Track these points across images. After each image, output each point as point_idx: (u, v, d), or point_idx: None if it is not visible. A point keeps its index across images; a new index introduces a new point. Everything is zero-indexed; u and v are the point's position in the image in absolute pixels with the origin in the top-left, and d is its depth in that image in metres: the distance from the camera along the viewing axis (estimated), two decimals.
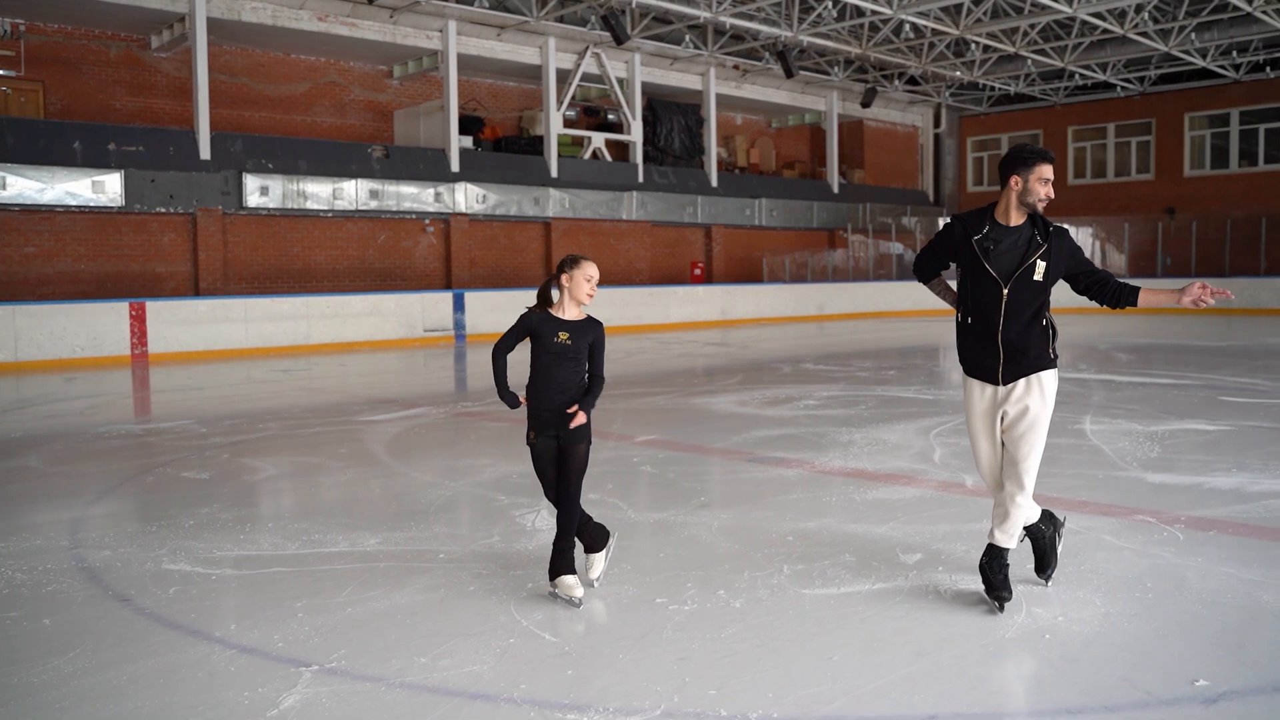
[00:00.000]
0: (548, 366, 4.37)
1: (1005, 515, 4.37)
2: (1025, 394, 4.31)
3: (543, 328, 4.38)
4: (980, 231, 4.31)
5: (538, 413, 4.42)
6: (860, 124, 33.08)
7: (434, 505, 6.29)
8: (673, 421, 9.79)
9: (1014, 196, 4.29)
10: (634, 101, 25.16)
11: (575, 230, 24.63)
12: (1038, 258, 4.23)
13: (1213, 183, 30.21)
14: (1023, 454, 4.32)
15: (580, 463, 4.45)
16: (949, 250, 4.45)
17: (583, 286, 4.38)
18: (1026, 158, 4.27)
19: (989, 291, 4.28)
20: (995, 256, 4.27)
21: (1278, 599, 4.38)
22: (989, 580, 4.31)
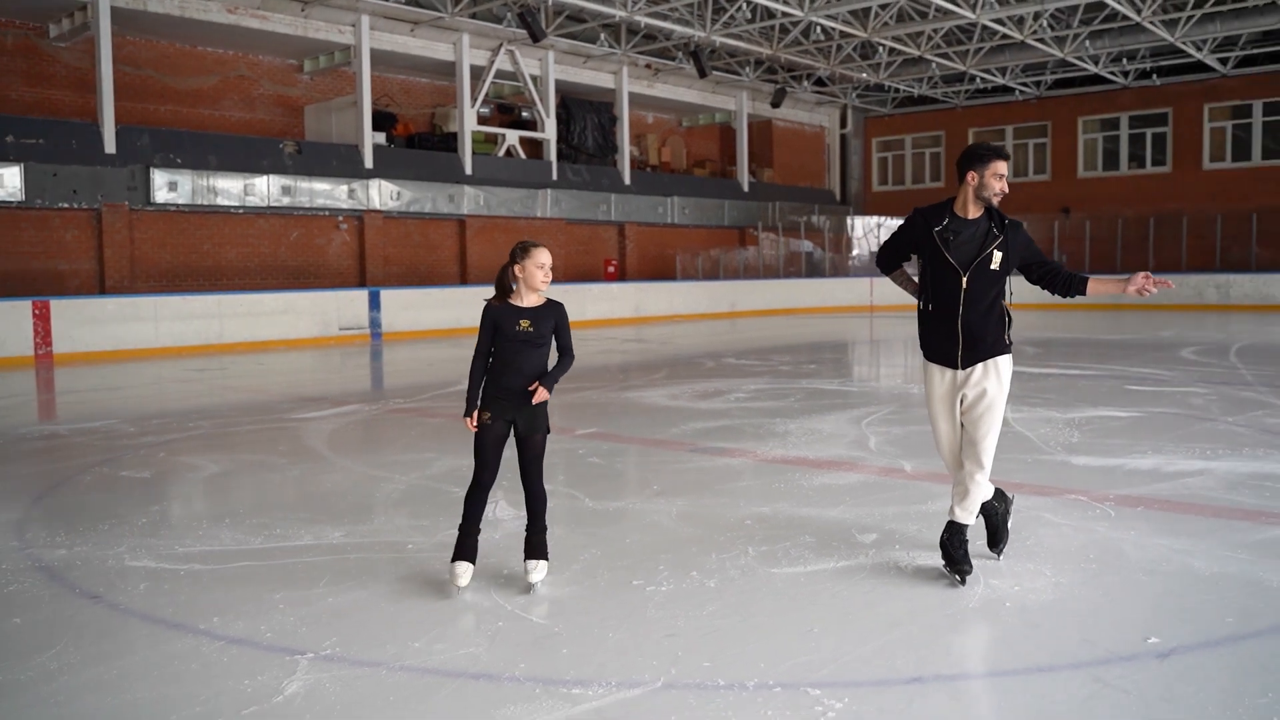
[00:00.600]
0: (511, 355, 4.42)
1: (965, 493, 4.61)
2: (983, 378, 4.55)
3: (504, 318, 4.43)
4: (941, 223, 4.55)
5: (496, 396, 4.43)
6: (769, 124, 33.64)
7: (390, 498, 6.30)
8: (608, 415, 9.91)
9: (970, 191, 4.54)
10: (548, 99, 25.18)
11: (490, 228, 24.56)
12: (994, 248, 4.49)
13: (1105, 184, 31.55)
14: (981, 434, 4.56)
15: (539, 450, 4.53)
16: (911, 242, 4.67)
17: (536, 275, 4.42)
18: (983, 154, 4.52)
19: (949, 280, 4.52)
20: (955, 247, 4.51)
21: (1207, 565, 4.72)
22: (950, 555, 4.54)
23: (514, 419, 4.47)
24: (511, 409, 4.45)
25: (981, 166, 4.49)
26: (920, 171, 35.53)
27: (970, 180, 4.52)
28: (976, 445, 4.58)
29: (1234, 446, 7.64)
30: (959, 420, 4.67)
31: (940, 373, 4.67)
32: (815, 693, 3.34)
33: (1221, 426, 8.55)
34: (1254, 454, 7.33)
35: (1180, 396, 10.47)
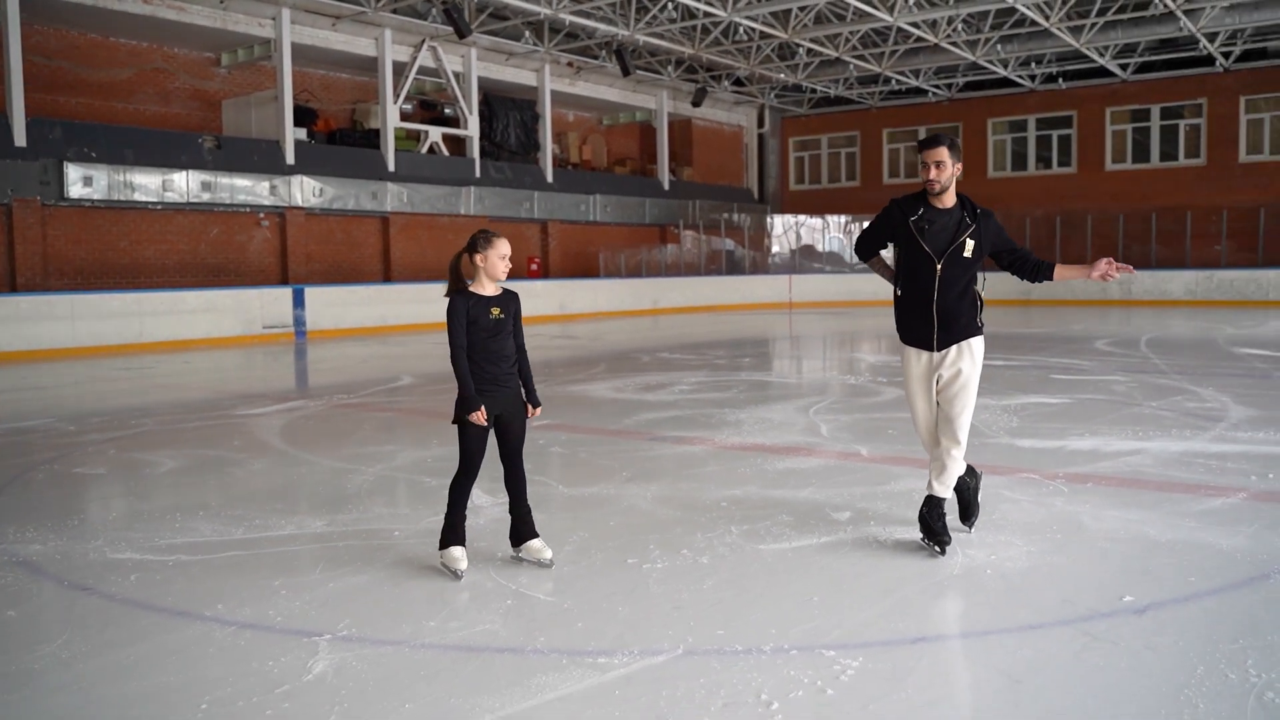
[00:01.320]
0: (485, 344, 4.48)
1: (943, 468, 4.84)
2: (958, 358, 4.79)
3: (476, 309, 4.49)
4: (916, 213, 4.77)
5: (480, 390, 4.47)
6: (689, 123, 33.95)
7: (363, 489, 6.30)
8: (558, 407, 9.99)
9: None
10: (470, 96, 25.07)
11: (413, 225, 24.35)
12: (967, 236, 4.72)
13: (1013, 183, 32.60)
14: (957, 411, 4.79)
15: (522, 434, 4.66)
16: (888, 230, 4.88)
17: (498, 266, 4.49)
18: (918, 147, 4.81)
19: (924, 267, 4.75)
20: (929, 236, 4.72)
21: (1160, 533, 5.03)
22: (930, 527, 4.76)
23: (501, 409, 4.53)
24: (499, 399, 4.52)
25: (919, 157, 4.78)
26: (836, 171, 36.24)
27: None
28: (953, 422, 4.82)
29: (1162, 428, 8.07)
30: (935, 400, 4.89)
31: (917, 355, 4.89)
32: (830, 654, 3.51)
33: (1147, 411, 9.01)
34: (1181, 435, 7.76)
35: (1103, 384, 10.97)
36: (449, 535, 4.57)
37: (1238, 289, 27.70)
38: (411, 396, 10.90)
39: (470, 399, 4.48)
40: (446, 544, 4.56)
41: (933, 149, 4.70)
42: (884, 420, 8.83)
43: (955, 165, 4.73)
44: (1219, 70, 28.64)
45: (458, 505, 4.59)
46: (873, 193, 34.85)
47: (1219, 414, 8.73)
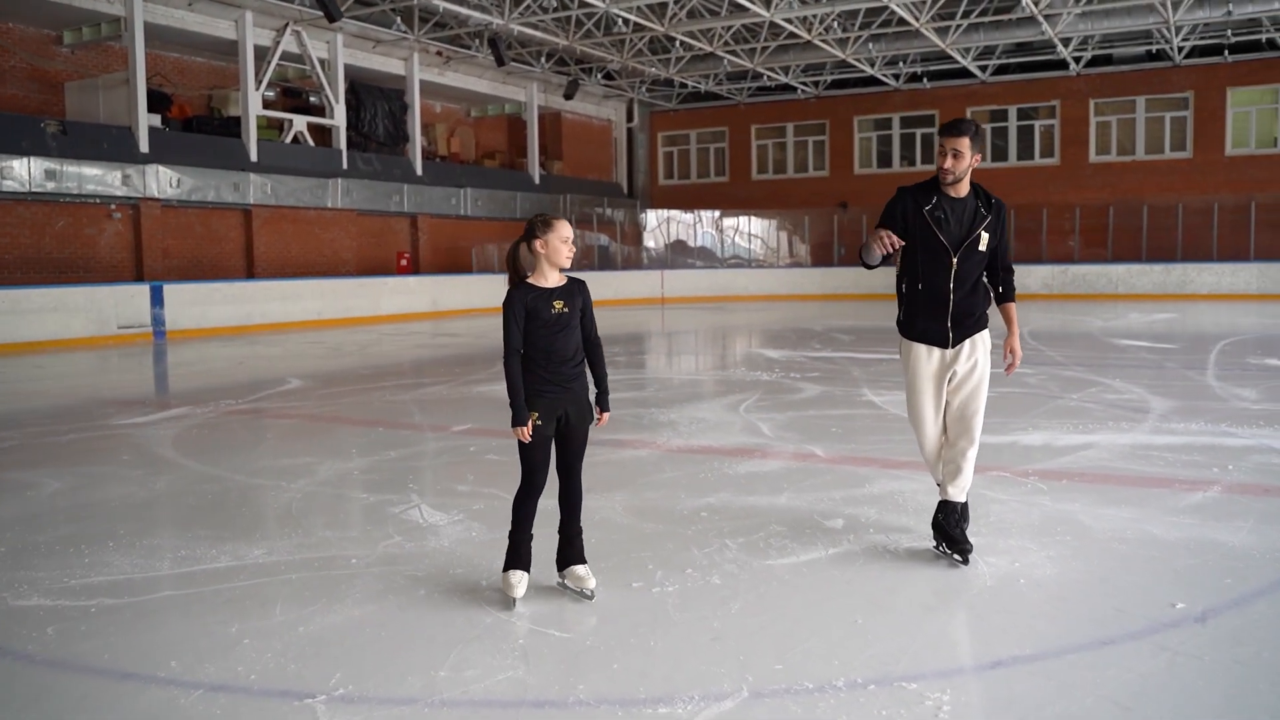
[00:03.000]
0: (547, 342, 3.97)
1: (957, 471, 4.54)
2: (974, 352, 4.52)
3: (536, 303, 3.97)
4: (930, 202, 4.44)
5: (540, 392, 3.98)
6: (559, 116, 33.39)
7: (293, 509, 5.62)
8: (473, 410, 9.38)
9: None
10: (337, 84, 23.89)
11: (278, 218, 23.06)
12: (983, 229, 4.42)
13: (879, 180, 33.22)
14: (974, 409, 4.50)
15: (585, 441, 4.14)
16: (900, 222, 4.50)
17: (561, 250, 4.00)
18: (939, 131, 4.47)
19: (940, 261, 4.43)
20: (946, 226, 4.40)
21: (1165, 532, 4.87)
22: (949, 535, 4.46)
23: (565, 413, 4.01)
24: (560, 402, 3.99)
25: (938, 143, 4.46)
26: (705, 166, 36.29)
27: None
28: (970, 421, 4.53)
29: (1098, 421, 8.07)
30: (943, 399, 4.58)
31: (928, 352, 4.56)
32: (912, 686, 3.14)
33: (1072, 404, 9.04)
34: (1120, 428, 7.76)
35: (1015, 378, 11.02)
36: (510, 557, 4.08)
37: (1090, 283, 28.96)
38: (308, 400, 10.09)
39: (518, 410, 3.95)
40: (507, 566, 4.08)
41: (954, 137, 4.36)
42: (820, 418, 8.58)
43: (974, 156, 4.39)
44: (1071, 74, 29.86)
45: (521, 524, 4.10)
46: (741, 189, 35.09)
47: (1142, 405, 8.82)
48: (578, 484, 4.13)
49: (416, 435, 8.08)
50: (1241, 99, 28.84)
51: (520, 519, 4.09)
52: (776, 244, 34.38)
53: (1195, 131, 29.26)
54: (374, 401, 9.99)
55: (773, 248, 34.43)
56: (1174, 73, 29.17)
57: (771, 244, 34.50)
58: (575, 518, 4.14)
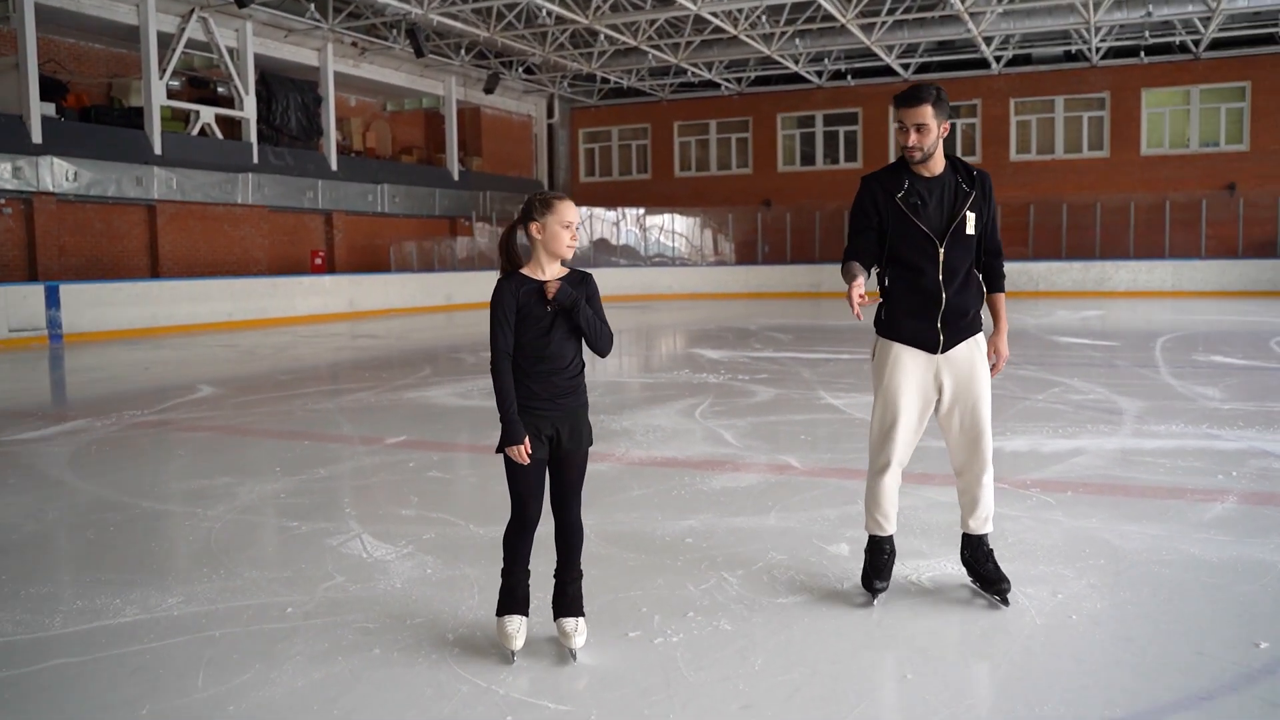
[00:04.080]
0: (538, 346, 3.32)
1: (975, 501, 3.90)
2: (970, 355, 3.85)
3: (529, 299, 3.32)
4: (901, 187, 3.75)
5: (529, 406, 3.34)
6: (478, 111, 32.50)
7: (213, 543, 4.85)
8: (406, 419, 8.63)
9: None
10: (246, 74, 22.70)
11: (184, 214, 21.81)
12: (968, 209, 3.76)
13: (803, 178, 33.09)
14: (980, 428, 3.85)
15: (582, 469, 3.47)
16: (874, 217, 3.79)
17: (561, 238, 3.31)
18: (894, 103, 3.79)
19: (923, 252, 3.75)
20: (924, 212, 3.74)
21: (1204, 551, 4.42)
22: (980, 574, 3.87)
23: (555, 432, 3.35)
24: (552, 419, 3.34)
25: (896, 118, 3.76)
26: (627, 164, 35.74)
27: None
28: (978, 443, 3.85)
29: (1074, 424, 7.68)
30: (926, 413, 3.88)
31: (912, 355, 3.83)
32: None
33: (1041, 405, 8.67)
34: (1100, 431, 7.38)
35: None
36: (504, 600, 3.45)
37: (1012, 280, 28.18)
38: (222, 410, 9.21)
39: (510, 426, 3.30)
40: (500, 610, 3.44)
41: (913, 107, 3.65)
42: (784, 424, 8.05)
43: (941, 125, 3.69)
44: (993, 73, 30.01)
45: (514, 562, 3.46)
46: (664, 186, 34.62)
47: (1111, 406, 8.48)
48: (575, 519, 3.49)
49: (347, 449, 7.32)
50: (1155, 100, 29.32)
51: (512, 556, 3.45)
52: (700, 242, 33.97)
53: (1112, 131, 29.66)
54: (295, 410, 9.17)
55: (697, 246, 34.02)
56: (1091, 73, 29.53)
57: (695, 242, 34.08)
58: (572, 561, 3.50)
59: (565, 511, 3.45)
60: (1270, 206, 27.65)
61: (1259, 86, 28.13)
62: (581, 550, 3.51)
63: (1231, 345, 13.49)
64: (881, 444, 3.86)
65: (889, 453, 3.84)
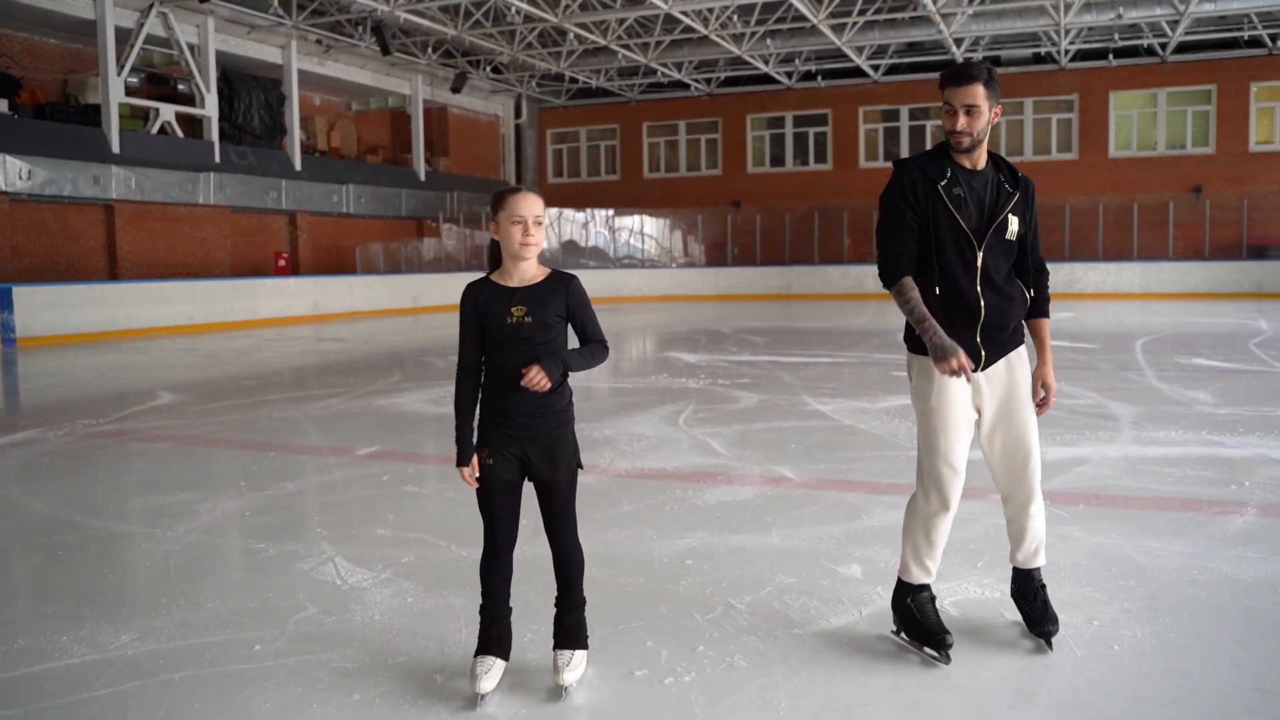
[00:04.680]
0: (502, 358, 3.02)
1: (1023, 531, 3.50)
2: (1012, 371, 3.45)
3: (491, 304, 3.02)
4: (944, 176, 3.32)
5: (496, 424, 3.05)
6: (445, 110, 32.05)
7: (172, 568, 4.47)
8: (378, 428, 8.26)
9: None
10: (207, 71, 22.14)
11: (144, 215, 21.21)
12: (1010, 211, 3.36)
13: (772, 179, 32.91)
14: (1027, 449, 3.43)
15: (567, 494, 3.15)
16: (913, 206, 3.31)
17: (512, 235, 2.98)
18: (941, 82, 3.33)
19: (962, 254, 3.33)
20: (965, 208, 3.33)
21: (1235, 570, 4.17)
22: (1028, 612, 3.49)
23: (524, 454, 3.03)
24: (519, 440, 3.02)
25: (943, 98, 3.32)
26: (596, 164, 35.42)
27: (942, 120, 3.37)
28: (1026, 467, 3.43)
29: (1072, 430, 7.45)
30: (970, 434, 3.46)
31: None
32: None
33: None
34: (1099, 437, 7.15)
35: None
36: (480, 637, 3.15)
37: None
38: (184, 419, 8.78)
39: (459, 445, 3.05)
40: (479, 650, 3.14)
41: (964, 86, 3.23)
42: (772, 431, 7.76)
43: (993, 110, 3.29)
44: None
45: (488, 595, 3.15)
46: (633, 187, 34.33)
47: (1104, 411, 8.27)
48: (569, 545, 3.18)
49: (316, 461, 6.94)
50: (1123, 102, 29.42)
51: (487, 588, 3.14)
52: (670, 244, 33.71)
53: (1080, 133, 29.73)
54: (260, 419, 8.76)
55: (666, 247, 33.76)
56: (1060, 75, 29.58)
57: (665, 243, 33.82)
58: (573, 589, 3.20)
59: (556, 538, 3.17)
60: (1236, 209, 27.81)
61: (1224, 90, 28.30)
62: (583, 576, 3.21)
63: (1210, 347, 13.40)
64: (940, 479, 3.37)
65: (951, 489, 3.38)
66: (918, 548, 3.47)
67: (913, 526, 3.48)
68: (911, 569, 3.49)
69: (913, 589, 3.50)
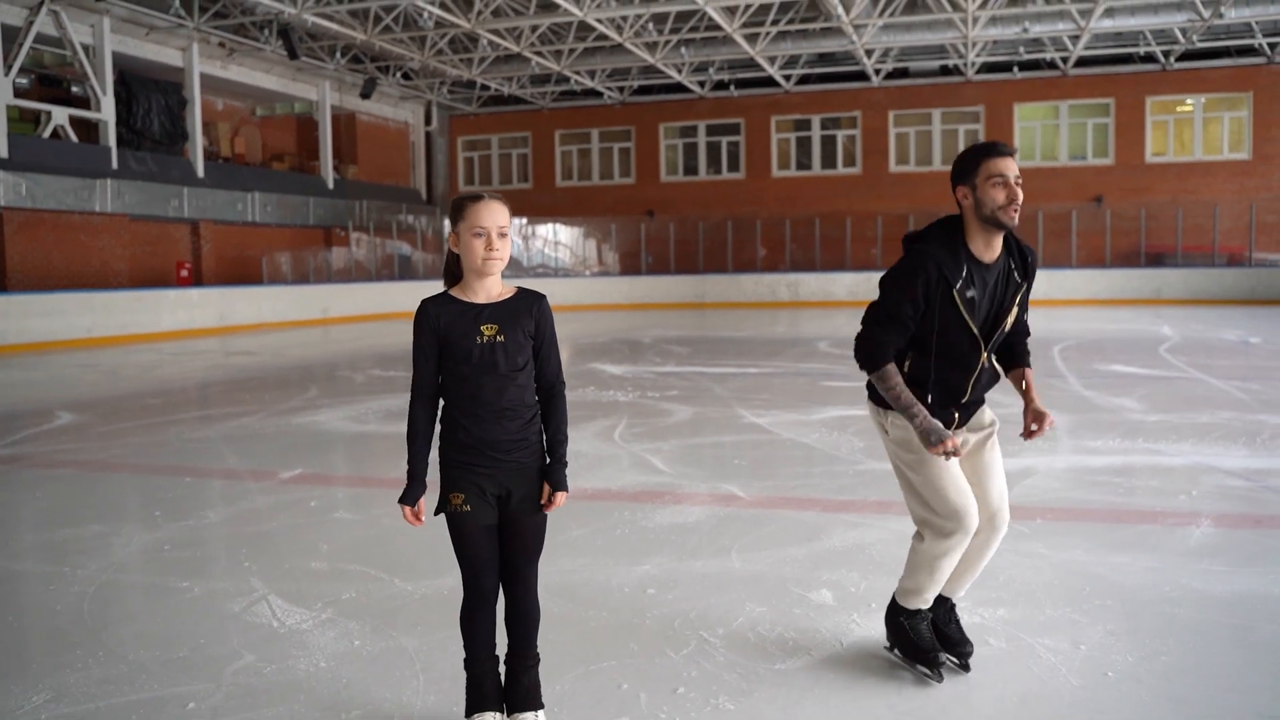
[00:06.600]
0: (472, 387, 2.74)
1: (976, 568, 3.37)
2: (980, 418, 3.38)
3: (456, 325, 2.74)
4: (960, 276, 3.08)
5: (466, 463, 2.76)
6: (353, 117, 31.36)
7: (87, 613, 4.07)
8: (299, 448, 7.85)
9: (971, 216, 3.10)
10: (103, 73, 21.23)
11: (36, 222, 20.16)
12: (1016, 303, 3.19)
13: (686, 188, 32.94)
14: (1001, 485, 3.37)
15: (536, 539, 2.87)
16: (921, 306, 3.09)
17: (474, 249, 2.71)
18: (973, 157, 3.09)
19: (964, 355, 3.16)
20: (976, 310, 3.12)
21: (1206, 584, 4.12)
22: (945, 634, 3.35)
23: (506, 492, 2.76)
24: (497, 478, 2.74)
25: (971, 176, 3.06)
26: (508, 173, 35.02)
27: (963, 199, 3.10)
28: (1003, 504, 3.33)
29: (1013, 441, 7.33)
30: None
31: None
32: None
33: None
34: (1039, 446, 7.13)
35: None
36: (472, 696, 2.85)
37: None
38: (85, 441, 8.24)
39: (409, 481, 2.76)
40: (471, 709, 2.84)
41: (1010, 158, 3.05)
42: (713, 447, 7.60)
43: None
44: (873, 86, 30.42)
45: (474, 648, 2.86)
46: (545, 196, 34.01)
47: None
48: (529, 597, 2.89)
49: (236, 486, 6.52)
50: (1027, 114, 30.19)
51: (471, 641, 2.86)
52: (584, 253, 33.49)
53: None
54: (171, 440, 8.27)
55: (580, 256, 33.53)
56: (966, 87, 30.22)
57: (579, 252, 33.59)
58: (527, 646, 2.92)
59: (518, 587, 2.87)
60: (1134, 218, 28.73)
61: (1122, 103, 29.25)
62: (538, 632, 2.93)
63: (1126, 354, 13.69)
64: (960, 517, 3.19)
65: (972, 518, 3.20)
66: (921, 585, 3.32)
67: (924, 562, 3.30)
68: (911, 599, 3.36)
69: (904, 611, 3.37)
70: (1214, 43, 27.14)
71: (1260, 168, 28.47)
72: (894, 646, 3.42)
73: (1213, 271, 26.76)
